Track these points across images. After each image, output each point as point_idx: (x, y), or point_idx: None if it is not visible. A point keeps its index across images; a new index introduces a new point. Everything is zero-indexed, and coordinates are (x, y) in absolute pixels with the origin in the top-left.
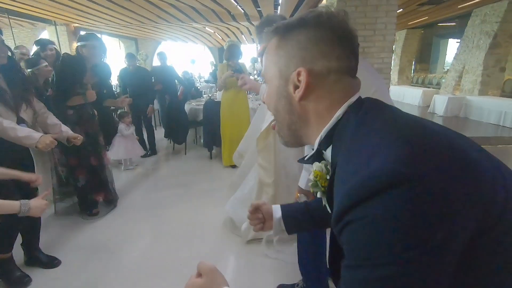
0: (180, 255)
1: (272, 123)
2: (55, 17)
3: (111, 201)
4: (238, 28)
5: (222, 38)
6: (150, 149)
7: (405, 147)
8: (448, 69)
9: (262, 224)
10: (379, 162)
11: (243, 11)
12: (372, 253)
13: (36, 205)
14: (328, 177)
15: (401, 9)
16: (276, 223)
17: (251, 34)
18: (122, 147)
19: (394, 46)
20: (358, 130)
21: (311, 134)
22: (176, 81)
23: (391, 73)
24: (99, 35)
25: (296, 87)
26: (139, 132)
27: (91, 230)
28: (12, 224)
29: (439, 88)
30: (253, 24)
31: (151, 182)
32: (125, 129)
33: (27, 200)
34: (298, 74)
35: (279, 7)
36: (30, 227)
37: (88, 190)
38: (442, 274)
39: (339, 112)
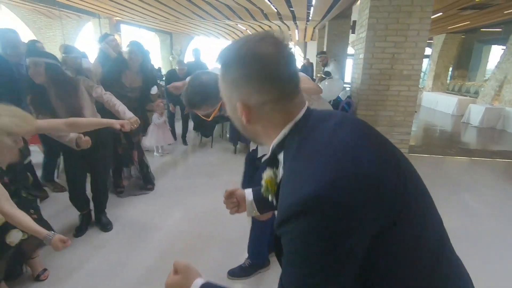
0: (205, 237)
1: None
2: (99, 10)
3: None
4: (270, 27)
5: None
6: (182, 139)
7: (330, 174)
8: (488, 78)
9: (237, 207)
10: (308, 188)
11: (276, 10)
12: (296, 258)
13: (56, 241)
14: (277, 181)
15: (440, 13)
16: (248, 205)
17: (282, 33)
18: (154, 135)
19: (431, 51)
20: (299, 150)
21: (267, 139)
22: None
23: (425, 78)
24: (137, 29)
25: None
26: (171, 123)
27: (132, 207)
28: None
29: (477, 97)
30: (285, 23)
31: (179, 169)
32: (158, 118)
33: (52, 233)
34: (239, 106)
35: (312, 8)
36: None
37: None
38: (350, 273)
39: (284, 131)
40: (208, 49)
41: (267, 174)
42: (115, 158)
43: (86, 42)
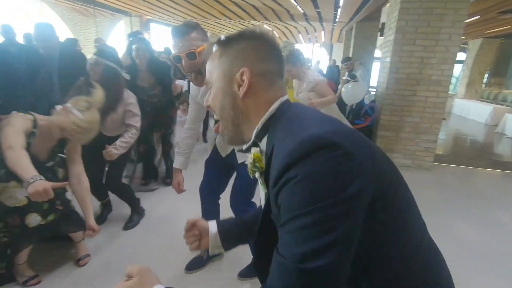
0: None
1: (214, 126)
2: (131, 9)
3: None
4: (295, 28)
5: (279, 37)
6: (202, 137)
7: (330, 126)
8: None
9: (199, 241)
10: (312, 131)
11: (302, 11)
12: (303, 204)
13: (36, 186)
14: (264, 159)
15: (477, 16)
16: (212, 239)
17: (308, 34)
18: (176, 131)
19: (465, 56)
20: (290, 119)
21: (251, 128)
22: None
23: (457, 84)
24: (166, 27)
25: (240, 86)
26: None
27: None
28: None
29: None
30: (311, 24)
31: (197, 167)
32: (180, 116)
33: (37, 177)
34: (242, 74)
35: (339, 9)
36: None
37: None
38: (356, 220)
39: (274, 106)
40: None
41: (255, 149)
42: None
43: (118, 40)
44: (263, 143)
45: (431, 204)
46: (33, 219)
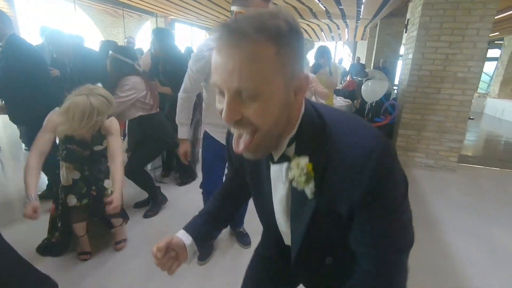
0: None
1: (237, 142)
2: (157, 10)
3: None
4: (318, 25)
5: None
6: None
7: (371, 130)
8: None
9: (176, 261)
10: (372, 143)
11: (324, 8)
12: (392, 207)
13: (28, 207)
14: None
15: None
16: (189, 249)
17: (331, 32)
18: None
19: (499, 53)
20: (332, 126)
21: (284, 136)
22: None
23: (491, 83)
24: (189, 27)
25: (296, 92)
26: None
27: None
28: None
29: None
30: (334, 22)
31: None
32: None
33: (33, 197)
34: (305, 78)
35: (362, 5)
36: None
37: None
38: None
39: (302, 111)
40: None
41: (303, 159)
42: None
43: (145, 39)
44: (291, 149)
45: (455, 206)
46: (71, 200)
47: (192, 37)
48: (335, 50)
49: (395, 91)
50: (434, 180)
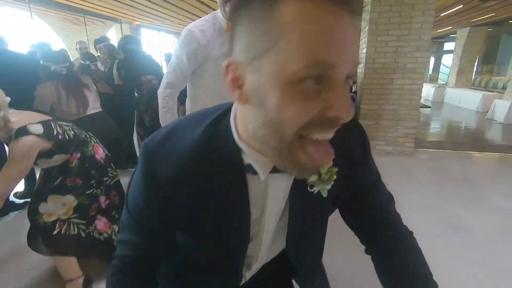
0: None
1: (329, 152)
2: (121, 16)
3: None
4: None
5: None
6: None
7: None
8: None
9: None
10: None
11: None
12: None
13: None
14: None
15: (461, 6)
16: None
17: None
18: None
19: (454, 45)
20: None
21: None
22: None
23: (448, 74)
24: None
25: None
26: None
27: None
28: None
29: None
30: None
31: None
32: None
33: None
34: None
35: None
36: None
37: None
38: None
39: None
40: None
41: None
42: None
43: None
44: None
45: (412, 187)
46: None
47: (160, 42)
48: None
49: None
50: (393, 165)
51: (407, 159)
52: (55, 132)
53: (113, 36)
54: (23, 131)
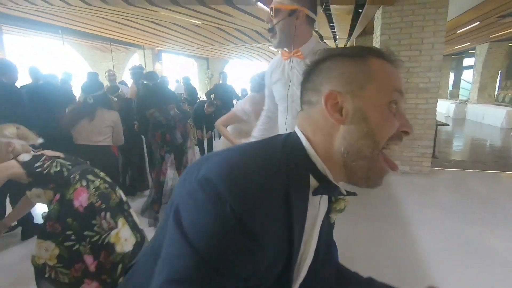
0: None
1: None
2: (144, 43)
3: None
4: None
5: None
6: None
7: None
8: None
9: None
10: None
11: None
12: None
13: None
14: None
15: (477, 22)
16: None
17: None
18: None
19: (473, 61)
20: None
21: None
22: (234, 99)
23: (470, 90)
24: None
25: None
26: (201, 148)
27: None
28: None
29: None
30: None
31: None
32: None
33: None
34: None
35: (334, 27)
36: None
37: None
38: None
39: None
40: (244, 71)
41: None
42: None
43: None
44: None
45: (431, 209)
46: None
47: (180, 65)
48: None
49: None
50: (409, 185)
51: (424, 179)
52: (37, 164)
53: (137, 60)
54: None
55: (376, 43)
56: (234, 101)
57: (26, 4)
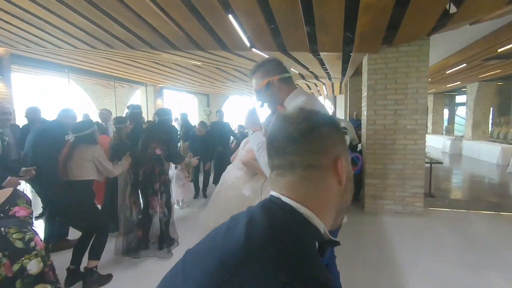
0: None
1: None
2: (147, 80)
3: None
4: (297, 84)
5: None
6: (203, 193)
7: None
8: None
9: None
10: None
11: (297, 72)
12: None
13: None
14: None
15: (464, 64)
16: None
17: (310, 88)
18: (175, 189)
19: (465, 98)
20: None
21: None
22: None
23: (464, 126)
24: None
25: None
26: (195, 177)
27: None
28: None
29: None
30: (308, 81)
31: (195, 222)
32: (181, 173)
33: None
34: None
35: (326, 68)
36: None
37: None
38: None
39: None
40: (243, 107)
41: None
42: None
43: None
44: None
45: (424, 252)
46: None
47: (181, 102)
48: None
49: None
50: (402, 226)
51: (418, 220)
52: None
53: (139, 96)
54: None
55: (364, 87)
56: (231, 138)
57: (37, 47)
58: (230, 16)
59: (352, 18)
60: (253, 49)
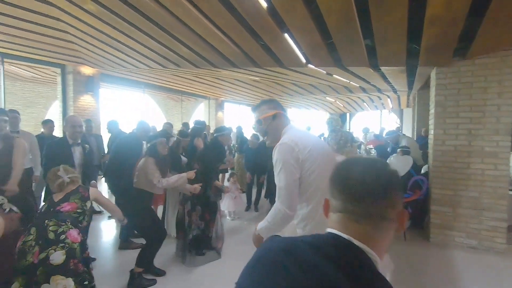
0: None
1: None
2: (209, 94)
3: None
4: (358, 97)
5: (344, 106)
6: (254, 206)
7: None
8: None
9: None
10: None
11: (357, 85)
12: None
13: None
14: None
15: None
16: None
17: (373, 102)
18: (227, 200)
19: None
20: None
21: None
22: None
23: None
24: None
25: None
26: (249, 190)
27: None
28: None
29: None
30: (372, 94)
31: (245, 234)
32: (233, 186)
33: None
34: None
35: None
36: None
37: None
38: None
39: None
40: (304, 119)
41: None
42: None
43: (200, 117)
44: None
45: None
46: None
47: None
48: (380, 118)
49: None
50: (477, 264)
51: (497, 259)
52: None
53: (202, 109)
54: None
55: (432, 103)
56: None
57: (119, 67)
58: (286, 35)
59: (416, 31)
60: (309, 65)
